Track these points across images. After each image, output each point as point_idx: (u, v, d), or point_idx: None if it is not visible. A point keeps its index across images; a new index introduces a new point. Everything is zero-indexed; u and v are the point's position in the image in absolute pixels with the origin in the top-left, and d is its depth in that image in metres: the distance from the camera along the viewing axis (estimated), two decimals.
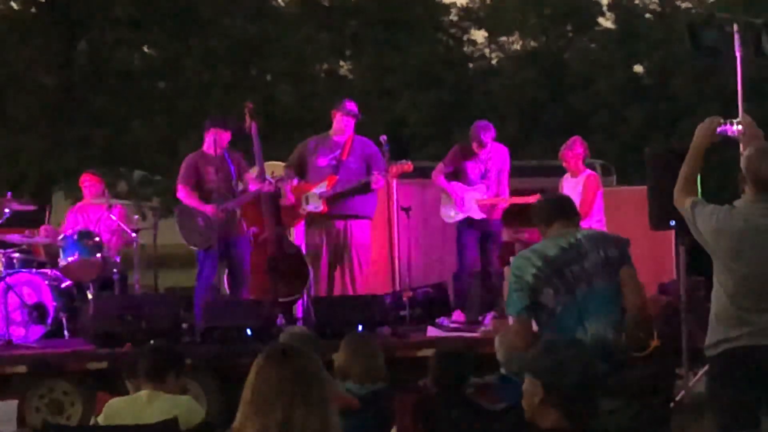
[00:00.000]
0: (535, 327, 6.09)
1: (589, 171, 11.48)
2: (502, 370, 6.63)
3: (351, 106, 11.40)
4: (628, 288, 6.07)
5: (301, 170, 11.40)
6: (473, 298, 11.67)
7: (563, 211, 6.22)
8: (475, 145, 11.44)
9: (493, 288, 11.39)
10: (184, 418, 5.83)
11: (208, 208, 10.74)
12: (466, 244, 11.51)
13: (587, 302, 5.95)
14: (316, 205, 11.17)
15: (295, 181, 11.35)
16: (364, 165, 11.19)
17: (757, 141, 5.90)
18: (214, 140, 10.93)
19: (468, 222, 11.44)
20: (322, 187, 11.17)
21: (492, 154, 11.52)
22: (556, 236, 6.11)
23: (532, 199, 11.23)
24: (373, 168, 11.14)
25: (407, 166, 11.18)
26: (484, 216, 11.38)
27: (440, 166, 11.68)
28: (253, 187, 11.12)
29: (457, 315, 11.33)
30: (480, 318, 11.24)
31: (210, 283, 11.18)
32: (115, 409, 5.99)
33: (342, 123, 11.31)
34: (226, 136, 10.96)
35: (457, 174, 11.53)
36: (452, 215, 11.53)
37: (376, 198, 11.37)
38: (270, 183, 11.05)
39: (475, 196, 11.40)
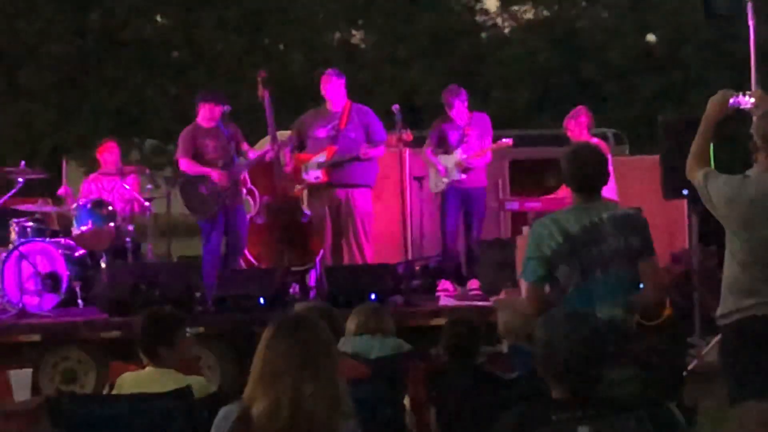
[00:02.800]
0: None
1: (596, 140, 11.46)
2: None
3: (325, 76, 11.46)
4: (647, 281, 5.89)
5: (300, 143, 11.42)
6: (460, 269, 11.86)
7: (590, 181, 5.99)
8: (447, 110, 11.72)
9: (476, 259, 11.61)
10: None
11: (215, 173, 10.87)
12: (447, 211, 11.72)
13: (600, 286, 5.81)
14: (316, 175, 11.19)
15: (288, 153, 11.40)
16: (363, 133, 11.22)
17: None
18: (208, 113, 11.15)
19: (452, 190, 11.62)
20: (321, 157, 11.18)
21: (472, 121, 11.74)
22: (579, 209, 5.93)
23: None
24: (371, 136, 11.19)
25: (406, 135, 11.27)
26: (464, 178, 11.55)
27: (427, 140, 11.91)
28: (253, 154, 11.25)
29: (444, 284, 11.47)
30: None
31: (219, 253, 11.23)
32: (125, 384, 5.77)
33: (326, 94, 11.35)
34: (218, 109, 11.16)
35: (441, 143, 11.75)
36: (437, 184, 11.73)
37: (377, 166, 11.40)
38: (272, 149, 11.15)
39: (454, 159, 11.53)
